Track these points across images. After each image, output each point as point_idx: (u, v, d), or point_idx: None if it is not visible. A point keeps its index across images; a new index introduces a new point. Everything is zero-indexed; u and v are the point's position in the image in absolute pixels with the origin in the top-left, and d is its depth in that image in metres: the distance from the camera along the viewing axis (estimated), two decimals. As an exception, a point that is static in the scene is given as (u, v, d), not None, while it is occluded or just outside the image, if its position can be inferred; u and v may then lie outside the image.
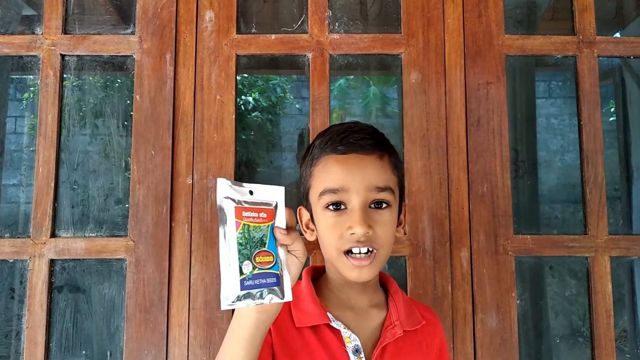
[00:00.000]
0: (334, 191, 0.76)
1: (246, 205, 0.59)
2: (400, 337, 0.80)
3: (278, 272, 0.60)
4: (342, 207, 0.76)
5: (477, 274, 1.13)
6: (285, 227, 0.62)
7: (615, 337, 1.14)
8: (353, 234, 0.74)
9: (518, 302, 1.13)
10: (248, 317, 0.62)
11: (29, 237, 1.13)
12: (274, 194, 0.62)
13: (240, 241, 0.57)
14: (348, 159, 0.77)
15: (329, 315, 0.78)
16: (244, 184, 0.59)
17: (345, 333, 0.77)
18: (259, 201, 0.60)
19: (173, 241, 1.12)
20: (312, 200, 0.81)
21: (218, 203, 0.58)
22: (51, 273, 1.12)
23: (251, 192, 0.60)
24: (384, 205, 0.77)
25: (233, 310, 0.61)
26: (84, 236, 1.14)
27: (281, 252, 0.62)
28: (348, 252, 0.76)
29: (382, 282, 0.88)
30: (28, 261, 1.12)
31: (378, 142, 0.80)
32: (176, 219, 1.13)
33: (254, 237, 0.59)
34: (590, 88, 1.20)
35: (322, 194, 0.77)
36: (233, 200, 0.58)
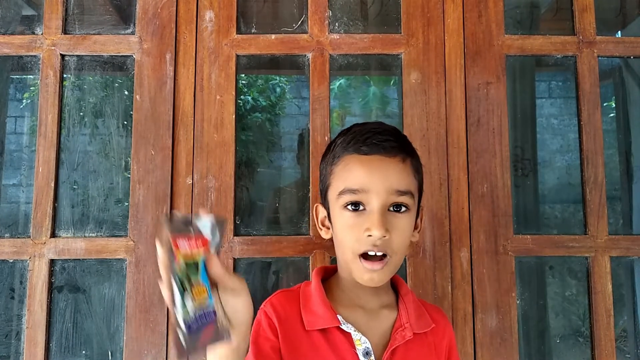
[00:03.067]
0: (354, 191, 0.75)
1: (180, 235, 0.56)
2: (410, 340, 0.79)
3: (213, 309, 0.58)
4: (361, 207, 0.76)
5: (477, 274, 1.13)
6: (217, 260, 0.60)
7: (615, 337, 1.14)
8: (370, 235, 0.74)
9: (518, 302, 1.13)
10: None
11: (29, 237, 1.13)
12: (212, 225, 0.60)
13: (178, 274, 0.55)
14: (370, 160, 0.76)
15: (339, 317, 0.78)
16: (182, 215, 0.58)
17: (356, 335, 0.77)
18: (195, 230, 0.58)
19: (173, 241, 1.12)
20: (330, 198, 0.80)
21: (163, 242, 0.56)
22: (51, 273, 1.13)
23: (189, 222, 0.58)
24: (403, 209, 0.77)
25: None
26: (84, 236, 1.14)
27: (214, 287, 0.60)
28: (363, 255, 0.76)
29: (393, 283, 0.88)
30: (28, 261, 1.12)
31: (402, 144, 0.79)
32: (176, 219, 1.12)
33: (189, 268, 0.56)
34: (590, 88, 1.20)
35: (341, 193, 0.77)
36: (171, 231, 0.56)
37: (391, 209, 0.76)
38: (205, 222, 0.59)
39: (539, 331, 1.78)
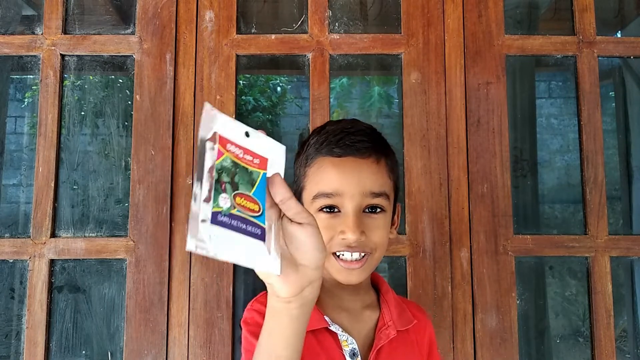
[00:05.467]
0: (327, 195, 0.74)
1: (234, 141, 0.47)
2: (394, 338, 0.79)
3: (263, 226, 0.48)
4: (336, 210, 0.75)
5: (477, 274, 1.13)
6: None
7: (615, 337, 1.14)
8: (344, 238, 0.73)
9: (518, 302, 1.13)
10: (287, 314, 0.52)
11: (29, 237, 1.13)
12: (273, 148, 0.51)
13: (219, 171, 0.45)
14: (344, 162, 0.75)
15: (326, 318, 0.77)
16: (240, 123, 0.48)
17: (342, 336, 0.77)
18: (253, 147, 0.49)
19: (173, 241, 1.12)
20: (305, 201, 0.79)
21: (201, 134, 0.45)
22: (51, 273, 1.13)
23: (247, 134, 0.48)
24: (378, 210, 0.76)
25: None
26: (84, 236, 1.14)
27: (273, 214, 0.50)
28: (336, 254, 0.75)
29: (373, 282, 0.88)
30: (28, 261, 1.12)
31: (375, 144, 0.78)
32: (176, 219, 1.13)
33: (238, 174, 0.47)
34: (590, 88, 1.20)
35: (315, 197, 0.75)
36: (220, 128, 0.46)
37: (366, 210, 0.75)
38: (265, 142, 0.50)
39: (539, 331, 1.78)
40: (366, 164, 0.75)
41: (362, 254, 0.75)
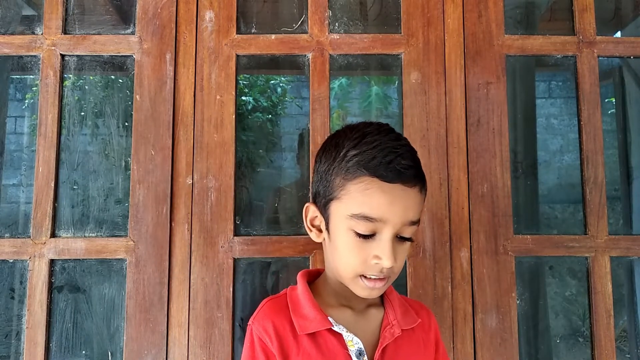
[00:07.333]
0: (371, 220, 0.73)
1: None
2: (399, 337, 0.80)
3: None
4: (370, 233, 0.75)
5: (477, 274, 1.13)
6: None
7: (615, 337, 1.14)
8: (378, 264, 0.74)
9: (518, 302, 1.13)
10: None
11: (29, 237, 1.13)
12: None
13: None
14: (393, 190, 0.73)
15: (330, 319, 0.78)
16: None
17: (348, 336, 0.77)
18: None
19: (173, 241, 1.12)
20: (336, 212, 0.77)
21: None
22: (51, 273, 1.12)
23: None
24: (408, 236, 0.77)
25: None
26: (84, 236, 1.14)
27: None
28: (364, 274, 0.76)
29: None
30: (28, 261, 1.12)
31: (419, 171, 0.77)
32: (176, 219, 1.13)
33: None
34: (590, 88, 1.20)
35: (355, 216, 0.73)
36: None
37: (398, 236, 0.75)
38: None
39: (539, 331, 1.78)
40: (412, 193, 0.75)
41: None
